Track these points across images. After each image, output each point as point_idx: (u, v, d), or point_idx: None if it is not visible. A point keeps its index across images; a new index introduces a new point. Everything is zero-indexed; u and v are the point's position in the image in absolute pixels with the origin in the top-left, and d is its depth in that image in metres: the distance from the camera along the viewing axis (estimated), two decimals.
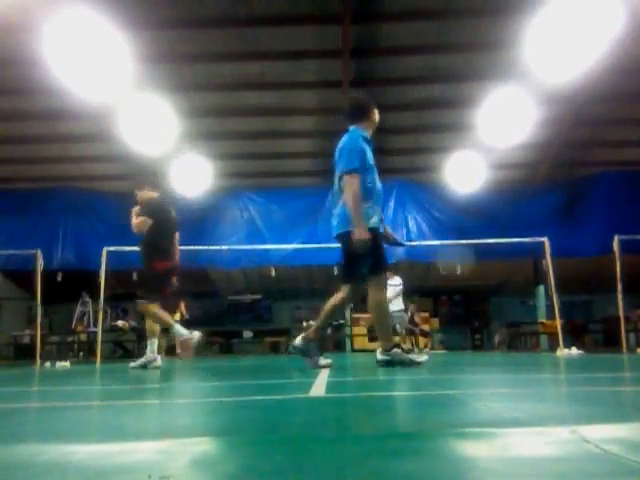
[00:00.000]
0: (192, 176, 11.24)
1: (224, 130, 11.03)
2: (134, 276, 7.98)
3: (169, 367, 6.65)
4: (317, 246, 10.87)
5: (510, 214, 11.38)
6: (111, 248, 8.62)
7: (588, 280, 13.15)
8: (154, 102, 9.32)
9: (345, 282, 4.05)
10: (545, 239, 8.36)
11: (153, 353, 5.19)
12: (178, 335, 5.07)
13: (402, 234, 11.50)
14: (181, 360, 5.14)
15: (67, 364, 6.74)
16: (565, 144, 11.53)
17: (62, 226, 11.67)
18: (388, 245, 4.35)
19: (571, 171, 12.34)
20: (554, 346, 9.03)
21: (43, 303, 8.51)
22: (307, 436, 1.24)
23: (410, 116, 10.82)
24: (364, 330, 12.58)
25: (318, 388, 2.45)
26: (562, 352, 7.65)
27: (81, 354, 11.72)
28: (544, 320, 11.99)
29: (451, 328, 15.92)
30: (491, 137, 10.55)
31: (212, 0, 7.98)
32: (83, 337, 12.03)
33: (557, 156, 11.82)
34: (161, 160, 10.99)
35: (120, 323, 12.62)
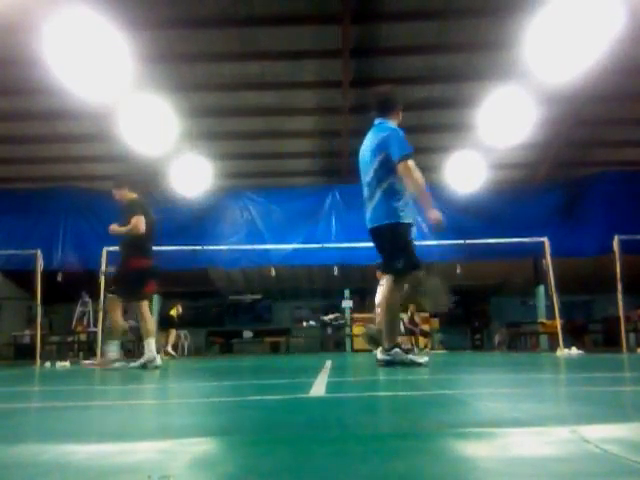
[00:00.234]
0: (192, 176, 11.23)
1: (224, 130, 11.03)
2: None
3: (168, 367, 6.64)
4: (317, 246, 10.88)
5: (510, 214, 11.38)
6: (111, 248, 8.61)
7: (588, 280, 13.14)
8: (154, 102, 9.31)
9: (388, 272, 4.00)
10: (545, 239, 8.37)
11: (152, 352, 5.16)
12: (109, 349, 5.09)
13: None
14: (87, 367, 5.09)
15: (67, 364, 6.75)
16: (565, 144, 11.53)
17: (62, 226, 11.67)
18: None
19: (571, 171, 12.33)
20: (554, 346, 9.03)
21: (43, 303, 8.51)
22: (307, 436, 1.24)
23: (410, 116, 10.77)
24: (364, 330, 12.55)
25: (318, 388, 2.45)
26: (562, 352, 7.65)
27: (81, 354, 11.71)
28: (544, 320, 12.00)
29: (451, 328, 15.91)
30: (491, 137, 10.55)
31: (212, 0, 7.98)
32: (83, 337, 12.02)
33: (557, 156, 11.82)
34: (161, 160, 10.99)
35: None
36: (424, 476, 0.86)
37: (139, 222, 5.10)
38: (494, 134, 10.45)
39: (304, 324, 15.22)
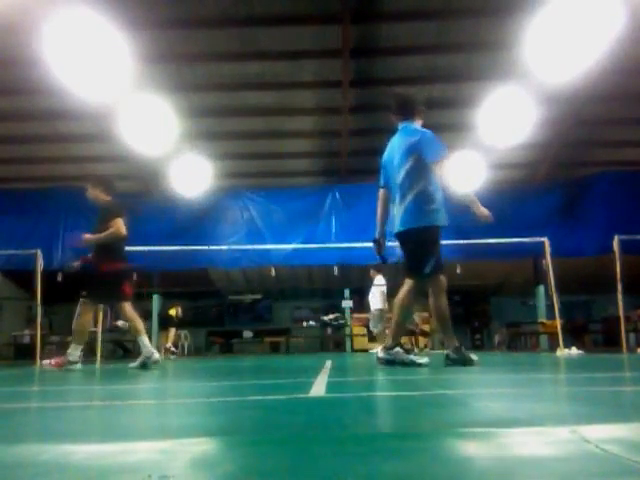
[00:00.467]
0: (192, 176, 11.24)
1: (224, 130, 11.03)
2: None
3: (168, 367, 6.65)
4: (317, 246, 10.89)
5: (510, 214, 11.37)
6: None
7: (588, 280, 13.15)
8: (154, 102, 9.32)
9: (411, 276, 4.00)
10: (545, 239, 8.36)
11: (147, 348, 5.09)
12: (69, 352, 5.06)
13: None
14: (43, 367, 5.07)
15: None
16: (565, 144, 11.53)
17: (62, 226, 11.66)
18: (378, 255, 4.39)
19: (571, 171, 12.33)
20: (554, 346, 9.03)
21: (43, 303, 8.50)
22: (307, 436, 1.24)
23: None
24: (364, 330, 12.58)
25: (318, 388, 2.45)
26: (562, 352, 7.65)
27: (81, 354, 11.69)
28: (544, 320, 12.00)
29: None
30: (491, 137, 10.55)
31: (212, 0, 7.98)
32: None
33: (557, 156, 11.82)
34: (161, 160, 10.99)
35: (120, 323, 12.61)
36: (424, 476, 0.86)
37: (120, 225, 5.04)
38: (494, 134, 10.45)
39: (304, 324, 15.22)
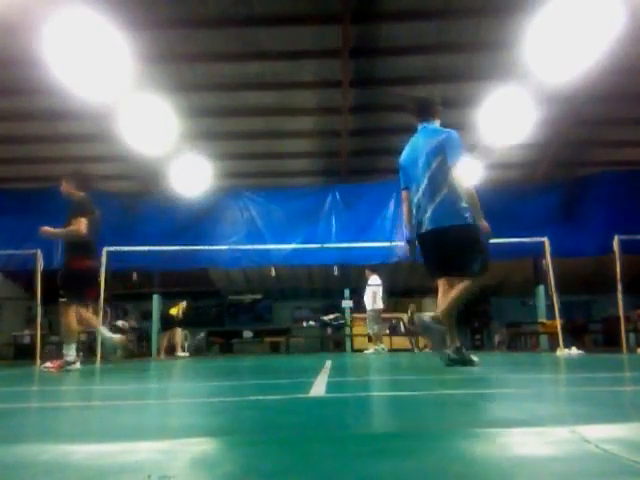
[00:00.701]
0: (192, 176, 11.24)
1: (224, 130, 11.02)
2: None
3: (168, 367, 6.65)
4: (317, 246, 10.87)
5: (510, 214, 11.36)
6: (111, 248, 8.61)
7: (588, 280, 13.14)
8: (154, 102, 9.31)
9: (463, 275, 3.91)
10: (545, 239, 8.36)
11: (72, 356, 5.06)
12: (65, 353, 5.00)
13: (402, 234, 11.49)
14: (44, 371, 5.05)
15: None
16: (565, 144, 11.53)
17: (62, 226, 11.64)
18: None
19: (571, 171, 12.33)
20: (554, 346, 9.03)
21: (43, 303, 8.50)
22: (307, 436, 1.24)
23: (410, 116, 10.80)
24: (364, 330, 12.57)
25: (318, 388, 2.45)
26: (562, 352, 7.65)
27: (81, 354, 11.70)
28: (544, 320, 11.99)
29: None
30: (491, 137, 10.55)
31: (212, 0, 7.98)
32: (83, 337, 12.01)
33: (557, 156, 11.82)
34: (161, 160, 10.99)
35: (120, 323, 12.62)
36: (424, 476, 0.86)
37: (81, 225, 4.99)
38: (494, 134, 10.44)
39: (304, 324, 15.21)
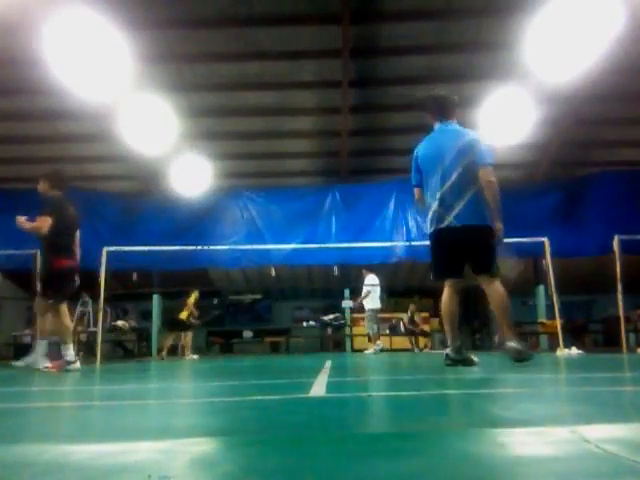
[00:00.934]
0: (192, 176, 11.23)
1: (224, 130, 11.02)
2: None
3: (168, 367, 6.66)
4: (317, 246, 10.88)
5: (510, 214, 11.33)
6: (111, 248, 8.62)
7: (588, 280, 13.13)
8: (154, 102, 9.31)
9: (489, 273, 4.09)
10: (545, 239, 8.36)
11: (35, 355, 5.07)
12: (64, 353, 4.99)
13: (402, 234, 11.51)
14: (45, 372, 5.04)
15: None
16: (565, 144, 11.52)
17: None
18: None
19: (571, 171, 12.32)
20: (554, 346, 9.02)
21: None
22: (307, 436, 1.24)
23: (410, 116, 10.81)
24: (364, 330, 12.58)
25: (318, 388, 2.45)
26: (562, 352, 7.65)
27: (81, 354, 11.70)
28: (544, 320, 11.99)
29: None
30: (491, 137, 10.53)
31: (212, 0, 7.98)
32: (83, 337, 12.02)
33: (557, 156, 11.82)
34: (161, 160, 10.99)
35: (120, 323, 12.62)
36: (424, 476, 0.86)
37: (43, 223, 5.02)
38: (494, 134, 10.44)
39: (304, 324, 15.20)
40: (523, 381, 2.92)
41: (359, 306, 11.40)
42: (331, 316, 14.65)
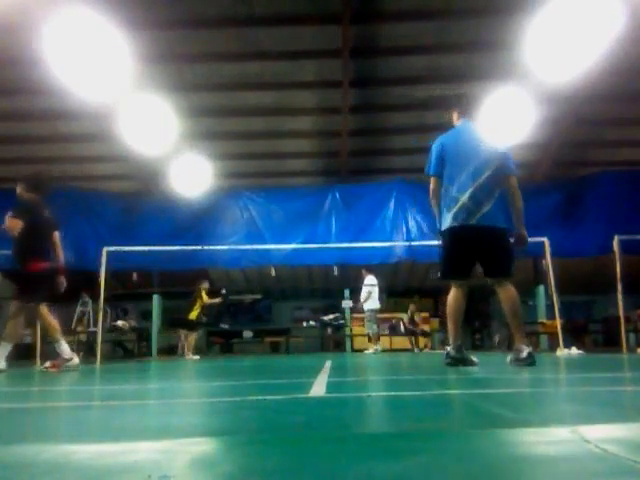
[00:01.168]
0: (192, 176, 11.23)
1: (224, 130, 11.02)
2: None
3: (169, 367, 6.66)
4: (317, 246, 10.88)
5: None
6: (111, 248, 8.62)
7: (588, 280, 13.14)
8: (154, 102, 9.31)
9: (509, 276, 4.04)
10: (545, 239, 8.36)
11: (67, 352, 5.13)
12: (59, 351, 5.05)
13: (402, 234, 11.52)
14: (44, 371, 5.08)
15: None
16: (565, 144, 11.52)
17: (62, 226, 11.61)
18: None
19: (571, 171, 12.32)
20: (554, 346, 9.03)
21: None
22: (307, 436, 1.24)
23: (411, 116, 10.81)
24: (364, 330, 12.59)
25: (318, 388, 2.45)
26: (562, 352, 7.65)
27: (81, 354, 11.70)
28: (544, 320, 11.99)
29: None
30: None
31: (212, 0, 7.98)
32: (83, 337, 12.03)
33: (557, 156, 11.82)
34: (161, 160, 10.99)
35: (120, 323, 12.62)
36: (424, 476, 0.86)
37: (12, 225, 5.12)
38: (494, 133, 10.43)
39: (304, 324, 15.20)
40: (523, 381, 2.92)
41: (361, 307, 11.42)
42: (331, 316, 14.65)
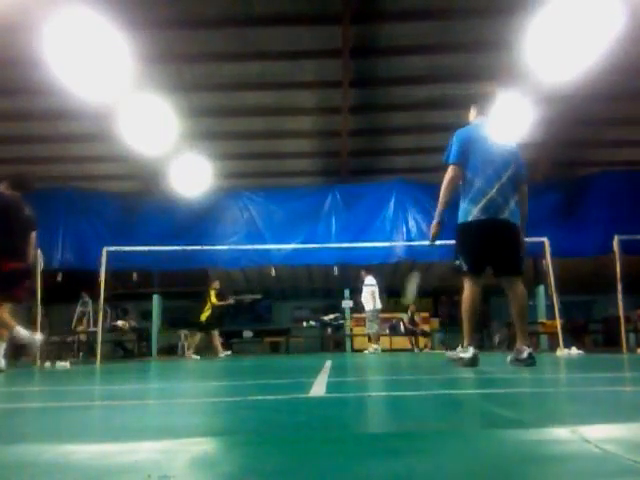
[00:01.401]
0: (192, 176, 11.23)
1: (224, 130, 11.02)
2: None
3: (169, 367, 6.66)
4: (317, 246, 10.88)
5: None
6: (111, 248, 8.62)
7: (588, 280, 13.14)
8: (154, 102, 9.31)
9: (521, 274, 4.07)
10: (545, 239, 8.36)
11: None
12: (20, 338, 5.03)
13: (402, 234, 11.51)
14: (24, 362, 5.12)
15: (67, 364, 6.73)
16: (565, 144, 11.53)
17: (62, 226, 11.66)
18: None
19: (571, 171, 12.32)
20: (554, 346, 9.03)
21: (43, 303, 8.50)
22: (307, 436, 1.24)
23: (411, 116, 10.81)
24: (364, 330, 12.60)
25: (318, 388, 2.45)
26: (562, 352, 7.64)
27: (81, 354, 11.72)
28: (544, 320, 11.99)
29: (451, 328, 15.94)
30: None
31: (212, 0, 7.98)
32: (83, 337, 12.03)
33: (557, 156, 11.82)
34: (161, 160, 10.99)
35: (120, 323, 12.62)
36: (424, 476, 0.86)
37: None
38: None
39: (304, 324, 15.21)
40: (523, 381, 2.92)
41: (362, 307, 11.41)
42: (331, 316, 14.66)
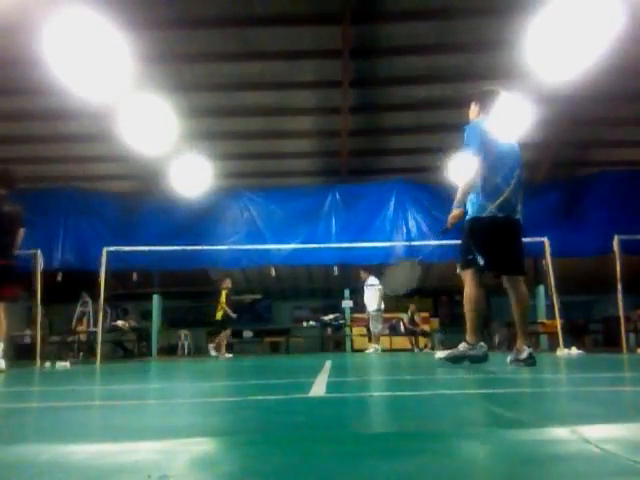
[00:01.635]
0: (192, 176, 11.23)
1: (224, 130, 11.02)
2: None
3: (169, 367, 6.66)
4: (317, 246, 10.88)
5: None
6: (111, 248, 8.62)
7: (588, 280, 13.13)
8: (154, 102, 9.31)
9: (524, 274, 4.08)
10: (545, 239, 8.36)
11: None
12: None
13: (402, 234, 11.52)
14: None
15: (67, 364, 6.74)
16: (565, 144, 11.52)
17: (62, 226, 11.66)
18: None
19: (571, 171, 12.32)
20: (554, 346, 9.03)
21: (43, 303, 8.50)
22: (307, 436, 1.24)
23: (410, 116, 10.81)
24: (363, 330, 12.60)
25: (318, 388, 2.45)
26: (562, 352, 7.65)
27: (81, 354, 11.72)
28: (544, 320, 11.99)
29: (451, 328, 15.94)
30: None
31: (212, 0, 7.98)
32: (83, 337, 12.03)
33: (557, 156, 11.82)
34: (161, 160, 10.99)
35: (120, 323, 12.62)
36: (424, 476, 0.86)
37: None
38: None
39: (304, 324, 15.20)
40: (523, 381, 2.92)
41: (363, 308, 11.40)
42: (331, 316, 14.65)
